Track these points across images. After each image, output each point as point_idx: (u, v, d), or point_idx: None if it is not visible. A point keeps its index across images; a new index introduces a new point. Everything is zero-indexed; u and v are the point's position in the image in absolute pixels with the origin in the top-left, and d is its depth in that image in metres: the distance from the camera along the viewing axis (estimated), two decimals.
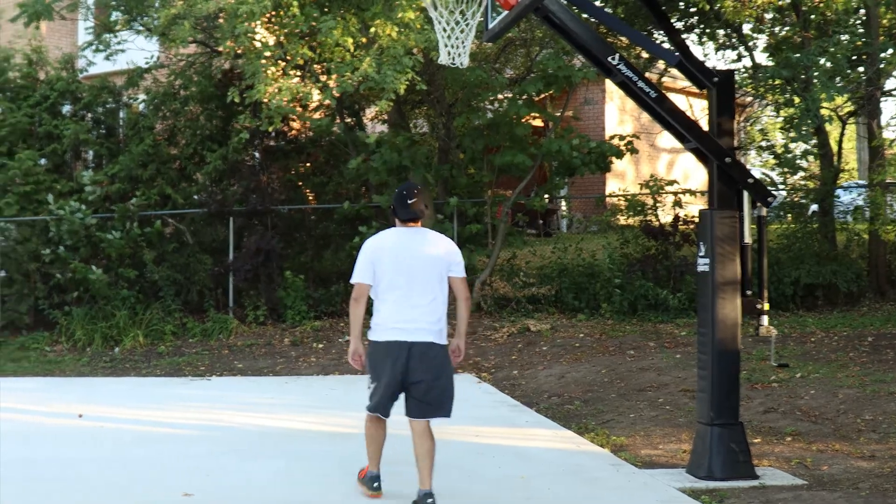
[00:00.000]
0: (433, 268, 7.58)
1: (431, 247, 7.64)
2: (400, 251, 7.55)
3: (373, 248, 7.60)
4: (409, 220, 7.65)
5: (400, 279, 7.48)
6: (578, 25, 8.16)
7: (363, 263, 7.57)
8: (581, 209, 25.67)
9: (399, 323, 7.43)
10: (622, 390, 12.29)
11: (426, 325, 7.46)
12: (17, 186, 18.55)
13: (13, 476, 8.63)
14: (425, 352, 7.42)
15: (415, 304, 7.46)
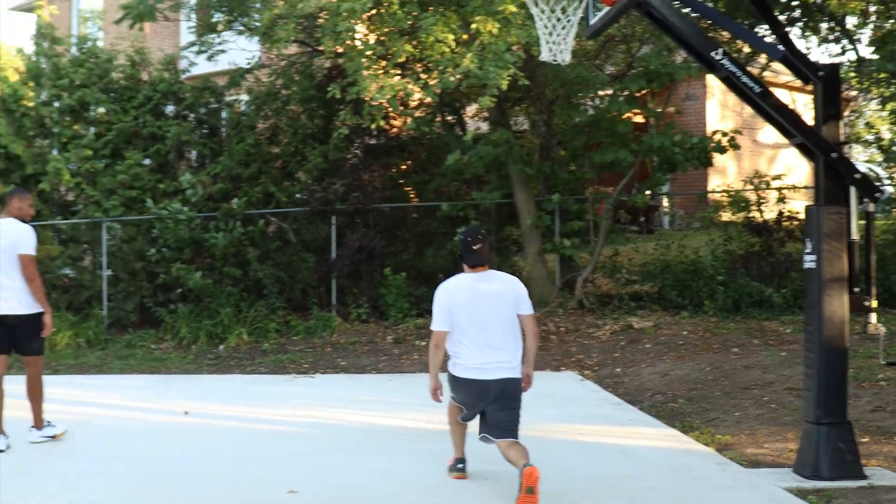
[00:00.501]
0: (505, 309, 7.97)
1: (501, 289, 8.04)
2: (472, 297, 7.95)
3: (447, 296, 8.03)
4: (476, 266, 8.07)
5: (476, 323, 7.90)
6: (680, 20, 8.10)
7: (440, 311, 8.00)
8: (683, 206, 25.47)
9: (479, 364, 7.85)
10: (726, 388, 12.16)
11: (504, 363, 7.87)
12: (122, 188, 18.86)
13: (121, 471, 8.78)
14: (503, 387, 7.85)
15: (492, 345, 7.87)
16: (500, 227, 19.18)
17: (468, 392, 7.96)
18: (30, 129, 20.03)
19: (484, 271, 8.08)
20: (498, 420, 7.84)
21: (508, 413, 7.87)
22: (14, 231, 9.73)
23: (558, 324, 16.64)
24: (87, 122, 20.34)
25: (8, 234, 9.70)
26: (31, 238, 9.78)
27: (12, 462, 9.06)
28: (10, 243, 9.64)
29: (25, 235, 9.74)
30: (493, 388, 7.82)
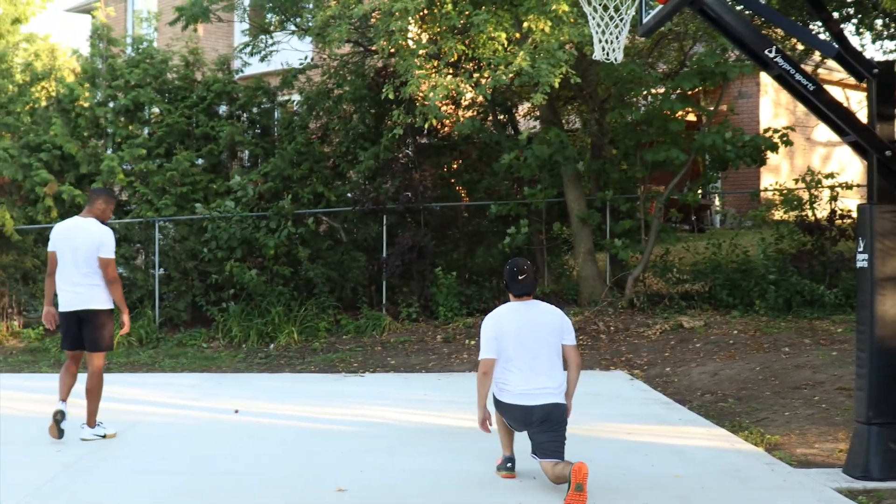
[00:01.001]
0: (551, 338, 8.15)
1: (546, 319, 8.23)
2: (519, 325, 8.13)
3: (494, 326, 8.19)
4: (522, 295, 8.29)
5: (522, 350, 8.05)
6: (734, 17, 8.06)
7: (487, 340, 8.16)
8: (735, 204, 25.33)
9: (524, 390, 7.99)
10: (777, 388, 12.09)
11: (549, 389, 8.00)
12: (175, 188, 19.01)
13: (171, 470, 8.85)
14: (549, 412, 7.96)
15: (538, 372, 8.02)
16: (550, 225, 19.15)
17: (513, 417, 8.13)
18: (85, 129, 20.22)
19: (529, 300, 8.32)
20: (541, 441, 7.95)
21: (552, 436, 7.94)
22: (95, 233, 9.99)
23: (608, 323, 16.62)
24: (141, 122, 20.54)
25: (89, 234, 9.97)
26: (112, 241, 10.08)
27: (66, 460, 9.15)
28: (90, 243, 9.92)
29: (106, 238, 10.01)
30: (538, 414, 7.96)
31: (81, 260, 9.91)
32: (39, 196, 19.13)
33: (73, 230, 10.08)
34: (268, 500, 7.80)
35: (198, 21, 19.33)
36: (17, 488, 8.11)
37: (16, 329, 19.25)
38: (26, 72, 20.83)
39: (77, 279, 9.92)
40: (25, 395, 13.36)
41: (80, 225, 10.08)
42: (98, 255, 9.92)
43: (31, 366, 16.58)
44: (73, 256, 9.95)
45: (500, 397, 8.16)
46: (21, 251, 19.62)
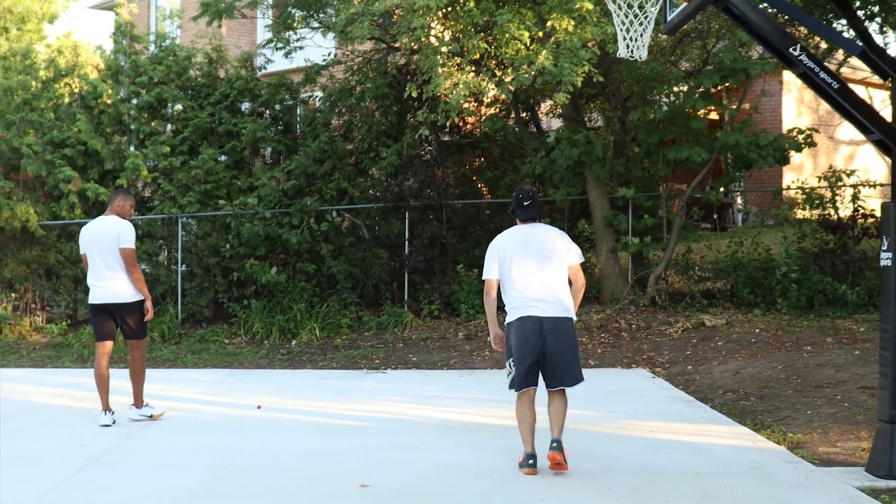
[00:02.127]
0: (553, 254, 8.53)
1: (548, 237, 8.63)
2: (523, 243, 8.56)
3: (497, 246, 8.70)
4: (526, 220, 8.73)
5: (526, 267, 8.49)
6: (758, 15, 8.06)
7: (490, 261, 8.69)
8: (757, 203, 25.29)
9: (531, 302, 8.40)
10: (799, 387, 12.07)
11: (554, 302, 8.41)
12: (198, 185, 19.08)
13: (194, 465, 8.89)
14: (556, 325, 8.36)
15: (543, 285, 8.44)
16: (572, 223, 19.16)
17: (523, 331, 8.38)
18: (108, 125, 20.29)
19: (534, 223, 8.74)
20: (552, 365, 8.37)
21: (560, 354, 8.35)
22: (116, 227, 10.65)
23: (630, 321, 16.61)
24: (164, 119, 20.60)
25: (111, 230, 10.64)
26: (131, 233, 10.71)
27: (89, 455, 9.22)
28: (112, 238, 10.59)
29: (125, 230, 10.65)
30: (547, 326, 8.34)
31: (107, 255, 10.56)
32: (63, 192, 19.20)
33: (96, 229, 10.75)
34: (291, 495, 7.82)
35: (222, 17, 19.39)
36: (41, 482, 8.17)
37: (39, 324, 19.32)
38: (50, 68, 20.90)
39: (105, 274, 10.58)
40: (49, 389, 13.43)
41: (102, 223, 10.77)
42: (118, 247, 10.57)
43: (53, 361, 16.64)
44: (100, 253, 10.59)
45: (510, 317, 8.53)
46: (45, 247, 19.69)
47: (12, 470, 8.67)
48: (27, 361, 16.66)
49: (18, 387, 13.70)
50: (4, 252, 19.83)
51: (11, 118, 19.79)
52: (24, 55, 20.82)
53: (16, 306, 19.78)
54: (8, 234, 19.39)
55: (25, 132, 19.67)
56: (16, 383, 14.06)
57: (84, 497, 7.80)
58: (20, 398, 12.72)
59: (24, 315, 19.46)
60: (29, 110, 19.96)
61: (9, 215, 18.69)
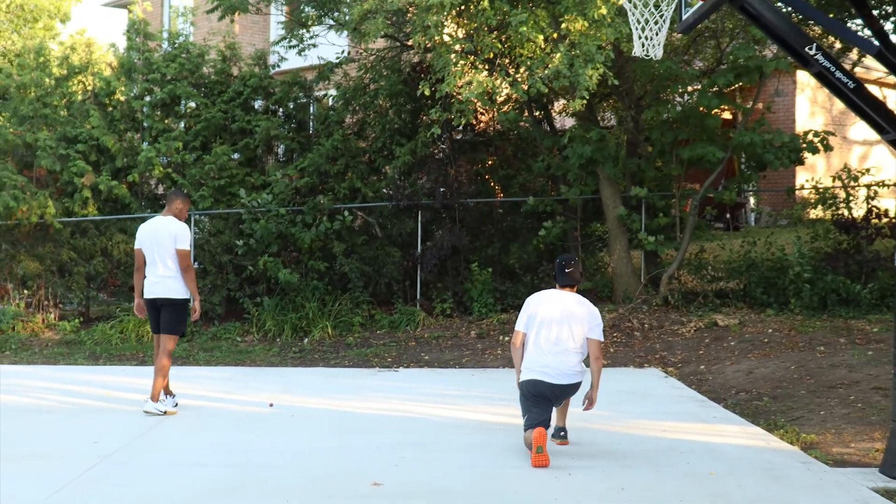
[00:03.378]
0: (578, 329, 9.04)
1: (578, 310, 9.11)
2: (553, 311, 9.10)
3: (533, 305, 9.26)
4: (565, 286, 9.28)
5: (550, 330, 9.04)
6: (774, 14, 8.03)
7: (522, 314, 9.28)
8: (770, 202, 25.24)
9: (544, 368, 8.97)
10: (812, 387, 12.05)
11: (566, 372, 8.99)
12: (211, 181, 19.09)
13: (206, 462, 8.89)
14: (563, 391, 9.06)
15: (559, 353, 8.99)
16: (585, 222, 19.14)
17: (533, 388, 8.96)
18: (121, 122, 20.31)
19: (572, 292, 9.26)
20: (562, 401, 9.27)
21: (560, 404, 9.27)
22: (173, 228, 11.24)
23: (642, 320, 16.59)
24: (177, 117, 20.61)
25: (168, 230, 11.22)
26: (187, 235, 11.35)
27: (102, 452, 9.22)
28: (170, 238, 11.17)
29: (181, 232, 11.26)
30: (556, 390, 8.97)
31: (163, 254, 11.17)
32: (77, 187, 19.22)
33: (154, 228, 11.32)
34: (304, 493, 7.82)
35: (235, 12, 19.39)
36: (54, 478, 8.17)
37: (51, 321, 19.34)
38: (63, 65, 20.94)
39: (160, 271, 11.18)
40: (61, 386, 13.44)
41: (160, 223, 11.32)
42: (175, 247, 11.16)
43: (66, 358, 16.65)
44: (157, 251, 11.20)
45: (523, 376, 9.12)
46: (58, 243, 19.71)
47: (25, 466, 8.68)
48: (39, 358, 16.68)
49: (31, 384, 13.72)
50: (17, 248, 19.85)
51: (26, 114, 19.81)
52: (38, 52, 20.83)
53: (28, 303, 19.80)
54: (24, 229, 19.40)
55: (39, 128, 19.68)
56: (28, 380, 14.08)
57: (97, 494, 7.80)
58: (32, 395, 12.73)
59: (36, 312, 19.48)
60: (42, 107, 19.98)
61: (25, 208, 18.70)
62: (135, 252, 11.47)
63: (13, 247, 19.88)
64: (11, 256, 19.86)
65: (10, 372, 15.15)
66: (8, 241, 19.82)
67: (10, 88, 20.55)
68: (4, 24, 35.04)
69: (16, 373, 14.99)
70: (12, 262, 19.90)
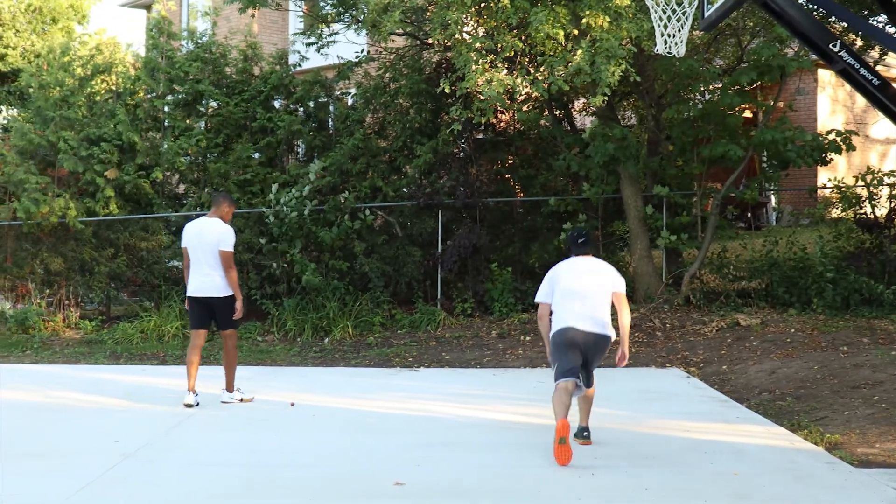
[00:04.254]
0: (599, 284, 9.40)
1: (597, 269, 9.57)
2: (573, 274, 9.49)
3: (552, 275, 9.64)
4: (581, 254, 9.65)
5: (575, 292, 9.34)
6: (797, 11, 7.98)
7: (544, 287, 9.63)
8: (791, 202, 25.15)
9: (576, 320, 9.24)
10: (835, 387, 11.99)
11: (596, 321, 9.27)
12: (234, 177, 19.11)
13: (227, 462, 8.91)
14: (595, 340, 9.26)
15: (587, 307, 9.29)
16: (606, 222, 19.09)
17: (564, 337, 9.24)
18: (143, 121, 20.34)
19: (587, 258, 9.63)
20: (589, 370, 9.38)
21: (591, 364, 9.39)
22: (218, 230, 11.73)
23: (664, 320, 16.53)
24: (199, 116, 20.63)
25: (213, 231, 11.70)
26: (232, 237, 11.85)
27: (124, 450, 9.24)
28: (215, 240, 11.65)
29: (227, 234, 11.77)
30: (589, 339, 9.22)
31: (207, 254, 11.64)
32: (99, 186, 19.24)
33: (201, 229, 11.80)
34: (326, 492, 7.82)
35: (255, 6, 19.39)
36: (76, 477, 8.19)
37: (73, 320, 19.38)
38: (87, 65, 20.97)
39: (205, 270, 11.65)
40: (82, 385, 13.48)
41: (206, 224, 11.81)
42: (219, 249, 11.61)
43: (87, 357, 16.68)
44: (202, 251, 11.67)
45: (554, 328, 9.38)
46: (79, 242, 19.75)
47: (47, 465, 8.72)
48: (60, 357, 16.72)
49: (52, 383, 13.76)
50: (39, 247, 19.90)
51: (49, 115, 19.86)
52: (64, 51, 20.88)
53: (49, 302, 19.85)
54: (45, 229, 19.46)
55: (62, 128, 19.72)
56: (49, 379, 14.12)
57: (119, 493, 7.82)
58: (54, 394, 12.78)
59: (57, 311, 19.52)
60: (66, 107, 20.02)
61: (46, 210, 18.74)
62: (183, 251, 12.00)
63: (35, 246, 19.94)
64: (33, 255, 19.93)
65: (32, 371, 15.21)
66: (30, 241, 19.88)
67: (32, 88, 20.59)
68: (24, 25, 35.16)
69: (37, 372, 15.04)
70: (34, 261, 19.96)
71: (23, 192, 18.89)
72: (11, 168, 19.21)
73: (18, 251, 20.18)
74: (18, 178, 18.97)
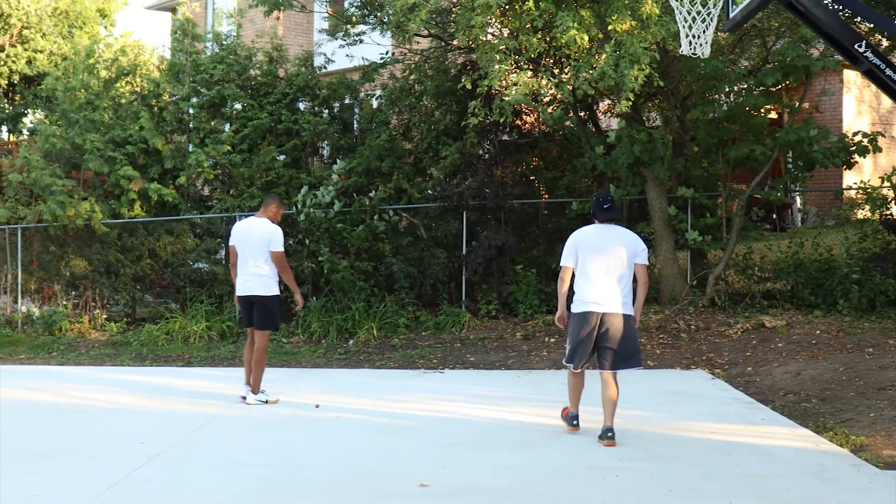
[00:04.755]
0: (623, 254, 9.59)
1: (621, 238, 9.73)
2: (598, 241, 9.68)
3: (576, 239, 9.81)
4: (605, 220, 9.82)
5: (597, 262, 9.58)
6: (822, 10, 7.94)
7: (568, 251, 9.82)
8: (816, 203, 25.07)
9: (596, 298, 9.54)
10: (861, 389, 11.94)
11: (616, 300, 9.53)
12: (259, 179, 19.16)
13: (252, 463, 8.94)
14: (613, 321, 9.50)
15: (608, 282, 9.55)
16: (631, 223, 19.06)
17: (583, 322, 9.59)
18: (168, 124, 20.41)
19: (610, 224, 9.84)
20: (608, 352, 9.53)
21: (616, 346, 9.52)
22: (266, 230, 12.03)
23: (689, 321, 16.49)
24: (224, 118, 20.67)
25: (262, 232, 12.00)
26: (281, 237, 12.13)
27: (150, 451, 9.28)
28: (263, 240, 11.95)
29: (276, 235, 12.07)
30: (605, 321, 9.51)
31: (255, 254, 11.94)
32: (124, 189, 19.33)
33: (249, 229, 12.11)
34: (350, 493, 7.84)
35: (280, 8, 19.43)
36: (101, 479, 8.24)
37: (99, 322, 19.46)
38: (112, 67, 21.07)
39: (251, 269, 11.96)
40: (108, 387, 13.54)
41: (255, 224, 12.11)
42: (269, 249, 11.94)
43: (112, 359, 16.76)
44: (250, 251, 11.97)
45: (573, 308, 9.75)
46: (105, 245, 19.83)
47: (72, 466, 8.77)
48: (86, 359, 16.80)
49: (78, 384, 13.84)
50: (65, 250, 20.00)
51: (74, 117, 19.95)
52: (88, 54, 20.97)
53: (76, 304, 19.95)
54: (70, 232, 19.55)
55: (87, 131, 19.81)
56: (75, 381, 14.19)
57: (143, 494, 7.86)
58: (80, 396, 12.84)
59: (83, 313, 19.61)
60: (91, 110, 20.10)
61: (72, 213, 18.83)
62: (230, 249, 12.43)
63: (61, 248, 20.04)
64: (59, 258, 20.03)
65: (58, 373, 15.29)
66: (55, 243, 19.98)
67: (58, 91, 20.68)
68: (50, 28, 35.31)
69: (63, 374, 15.11)
70: (60, 263, 20.06)
71: (49, 195, 18.99)
72: (37, 171, 19.31)
73: (44, 253, 20.31)
74: (45, 182, 19.07)
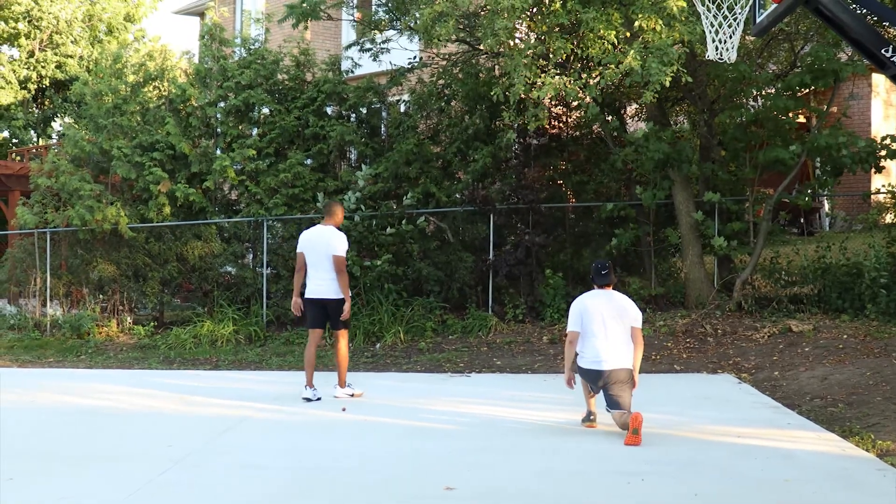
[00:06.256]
0: (620, 318, 10.34)
1: (620, 304, 10.46)
2: (598, 308, 10.37)
3: (581, 305, 10.47)
4: (603, 285, 10.59)
5: (599, 327, 10.28)
6: (850, 16, 7.94)
7: (574, 317, 10.49)
8: (844, 207, 24.98)
9: (599, 358, 10.22)
10: (888, 394, 11.89)
11: (618, 356, 10.23)
12: (285, 188, 19.20)
13: (279, 466, 8.95)
14: (618, 375, 10.19)
15: (610, 344, 10.24)
16: (657, 227, 19.04)
17: (590, 378, 10.31)
18: (196, 128, 20.50)
19: (608, 290, 10.60)
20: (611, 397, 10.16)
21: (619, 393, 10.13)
22: (332, 236, 12.49)
23: (715, 326, 16.46)
24: (251, 123, 20.72)
25: (328, 238, 12.47)
26: (344, 243, 12.59)
27: (176, 455, 9.32)
28: (329, 246, 12.40)
29: (339, 241, 12.49)
30: (609, 376, 10.15)
31: (322, 259, 12.41)
32: (152, 194, 19.42)
33: (317, 236, 12.60)
34: (376, 497, 7.85)
35: (308, 19, 19.48)
36: (129, 482, 8.28)
37: (126, 326, 19.55)
38: (139, 72, 21.17)
39: (322, 275, 12.44)
40: (136, 390, 13.60)
41: (320, 231, 12.63)
42: (332, 254, 12.33)
43: (140, 362, 16.84)
44: (317, 256, 12.45)
45: (580, 363, 10.36)
46: (133, 249, 19.93)
47: (99, 470, 8.81)
48: (114, 363, 16.88)
49: (106, 387, 13.90)
50: (93, 254, 20.10)
51: (102, 122, 20.05)
52: (116, 59, 21.08)
53: (104, 308, 20.05)
54: (98, 236, 19.66)
55: (115, 136, 19.91)
56: (103, 384, 14.26)
57: (170, 497, 7.89)
58: (107, 399, 12.90)
59: (111, 316, 19.71)
60: (119, 114, 20.20)
61: (100, 218, 18.93)
62: (298, 255, 12.68)
63: (89, 252, 20.14)
64: (87, 262, 20.14)
65: (86, 376, 15.37)
66: (84, 247, 20.09)
67: (87, 96, 20.80)
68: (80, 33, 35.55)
69: (91, 377, 15.19)
70: (88, 267, 20.16)
71: (77, 199, 19.09)
72: (66, 176, 19.42)
73: (73, 257, 20.42)
74: (73, 186, 19.19)
